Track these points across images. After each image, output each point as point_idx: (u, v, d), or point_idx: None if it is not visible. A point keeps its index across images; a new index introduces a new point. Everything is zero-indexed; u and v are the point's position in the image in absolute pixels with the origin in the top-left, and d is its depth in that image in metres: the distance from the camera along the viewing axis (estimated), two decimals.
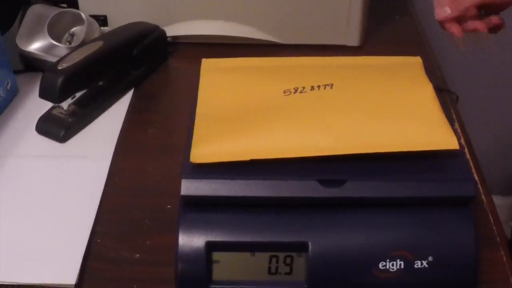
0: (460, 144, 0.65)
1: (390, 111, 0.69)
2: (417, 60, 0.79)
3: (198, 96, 0.73)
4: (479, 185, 0.77)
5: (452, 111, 0.89)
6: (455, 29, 0.81)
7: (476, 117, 1.42)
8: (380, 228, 0.64)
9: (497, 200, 1.75)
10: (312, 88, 0.71)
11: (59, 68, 0.82)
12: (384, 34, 1.06)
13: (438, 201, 0.65)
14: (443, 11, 0.81)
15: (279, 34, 1.00)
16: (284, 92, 0.72)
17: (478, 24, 0.82)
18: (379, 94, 0.71)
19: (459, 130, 0.86)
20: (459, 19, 0.81)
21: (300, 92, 0.71)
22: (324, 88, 0.71)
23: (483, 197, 0.76)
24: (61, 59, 0.84)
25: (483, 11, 0.83)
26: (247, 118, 0.69)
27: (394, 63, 0.79)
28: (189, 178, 0.64)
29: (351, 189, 0.64)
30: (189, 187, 0.63)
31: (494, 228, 0.72)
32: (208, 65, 0.79)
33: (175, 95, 0.94)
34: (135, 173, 0.79)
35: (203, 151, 0.65)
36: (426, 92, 0.72)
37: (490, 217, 0.73)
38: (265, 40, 1.00)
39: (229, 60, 0.80)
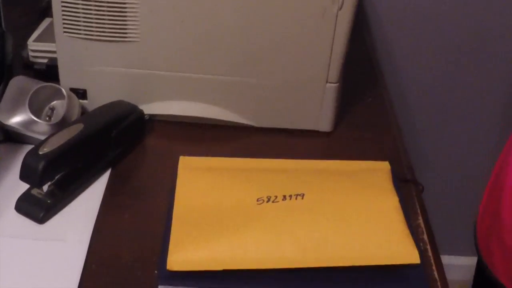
0: (423, 250, 0.72)
1: (356, 224, 0.76)
2: (385, 166, 0.86)
3: (175, 197, 0.79)
4: (439, 283, 0.83)
5: (417, 204, 0.95)
6: None
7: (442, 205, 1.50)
8: None
9: (457, 260, 1.83)
10: (284, 197, 0.78)
11: (40, 153, 0.86)
12: (355, 118, 1.13)
13: None
14: None
15: (253, 117, 1.06)
16: (258, 200, 0.78)
17: None
18: (346, 206, 0.78)
19: (422, 225, 0.92)
20: None
21: (273, 201, 0.77)
22: (296, 198, 0.78)
23: None
24: (42, 142, 0.88)
25: None
26: (221, 225, 0.75)
27: (363, 168, 0.86)
28: (165, 284, 0.70)
29: None
30: None
31: None
32: (185, 163, 0.85)
33: (150, 176, 0.98)
34: (112, 260, 0.83)
35: (179, 259, 0.71)
36: (391, 204, 0.79)
37: None
38: (239, 123, 1.06)
39: (206, 160, 0.86)
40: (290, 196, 0.80)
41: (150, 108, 1.05)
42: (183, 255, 0.72)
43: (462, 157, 1.73)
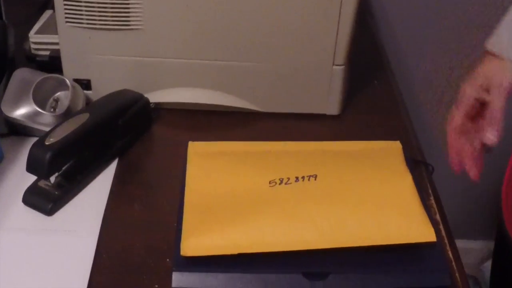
0: (436, 231, 0.72)
1: (370, 203, 0.75)
2: (397, 146, 0.86)
3: (186, 184, 0.79)
4: (454, 263, 0.83)
5: (428, 184, 0.95)
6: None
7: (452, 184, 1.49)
8: None
9: (469, 243, 1.84)
10: (297, 179, 0.77)
11: (47, 143, 0.86)
12: (362, 101, 1.13)
13: None
14: (493, 135, 0.87)
15: (261, 103, 1.06)
16: (270, 183, 0.78)
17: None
18: (360, 186, 0.77)
19: (434, 205, 0.92)
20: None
21: (285, 183, 0.77)
22: (308, 180, 0.77)
23: (456, 275, 0.82)
24: (48, 133, 0.88)
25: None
26: (234, 209, 0.75)
27: (375, 149, 0.85)
28: (180, 271, 0.69)
29: (334, 282, 0.70)
30: (180, 279, 0.70)
31: None
32: (194, 149, 0.84)
33: (158, 165, 0.98)
34: (122, 250, 0.83)
35: (192, 244, 0.70)
36: (405, 183, 0.78)
37: None
38: (247, 109, 1.06)
39: (215, 144, 0.86)
40: (303, 177, 0.79)
41: (155, 96, 1.05)
42: (196, 241, 0.71)
43: None
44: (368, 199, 0.77)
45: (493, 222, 1.13)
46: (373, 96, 1.16)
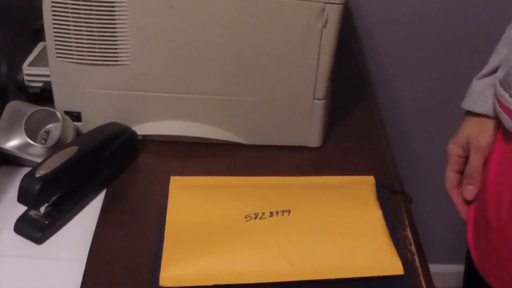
0: (410, 261, 0.76)
1: (340, 237, 0.80)
2: (370, 180, 0.91)
3: (167, 216, 0.84)
4: None
5: (404, 215, 0.99)
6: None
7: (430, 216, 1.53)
8: None
9: (454, 268, 1.85)
10: (271, 214, 0.82)
11: (37, 175, 0.90)
12: (344, 132, 1.17)
13: None
14: (469, 190, 0.98)
15: (243, 135, 1.11)
16: (246, 217, 0.82)
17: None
18: (331, 220, 0.82)
19: (409, 236, 0.96)
20: None
21: (260, 218, 0.82)
22: (282, 214, 0.82)
23: None
24: (38, 165, 0.92)
25: None
26: (211, 241, 0.80)
27: (348, 183, 0.90)
28: None
29: None
30: None
31: None
32: (176, 183, 0.89)
33: (143, 194, 1.02)
34: (107, 277, 0.87)
35: (170, 274, 0.75)
36: (374, 217, 0.83)
37: None
38: (230, 141, 1.10)
39: (195, 179, 0.90)
40: (277, 212, 0.84)
41: (142, 129, 1.10)
42: (174, 271, 0.76)
43: None
44: (338, 232, 0.81)
45: None
46: (355, 125, 1.20)
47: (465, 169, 0.97)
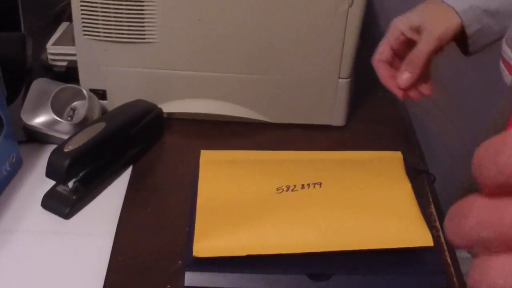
0: (435, 237, 0.77)
1: (371, 209, 0.81)
2: (397, 155, 0.91)
3: (198, 189, 0.84)
4: (452, 268, 0.88)
5: (429, 193, 1.00)
6: (415, 94, 0.93)
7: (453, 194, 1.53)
8: None
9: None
10: (303, 186, 0.83)
11: (66, 150, 0.91)
12: (367, 112, 1.18)
13: None
14: (404, 77, 0.91)
15: (269, 113, 1.11)
16: (278, 189, 0.83)
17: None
18: (362, 193, 0.83)
19: (434, 213, 0.97)
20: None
21: (292, 190, 0.82)
22: (314, 187, 0.83)
23: (454, 279, 0.87)
24: (67, 141, 0.93)
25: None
26: (244, 213, 0.80)
27: (377, 158, 0.90)
28: (192, 271, 0.75)
29: (337, 283, 0.75)
30: (192, 278, 0.75)
31: None
32: (206, 157, 0.90)
33: (170, 171, 1.03)
34: (137, 252, 0.87)
35: (204, 246, 0.76)
36: (404, 190, 0.83)
37: None
38: (255, 119, 1.11)
39: (225, 153, 0.91)
40: (308, 184, 0.84)
41: (168, 107, 1.10)
42: (208, 242, 0.77)
43: (473, 149, 1.77)
44: (369, 205, 0.82)
45: None
46: (377, 106, 1.21)
47: (409, 54, 0.90)
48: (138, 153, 1.03)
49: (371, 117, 1.16)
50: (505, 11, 0.90)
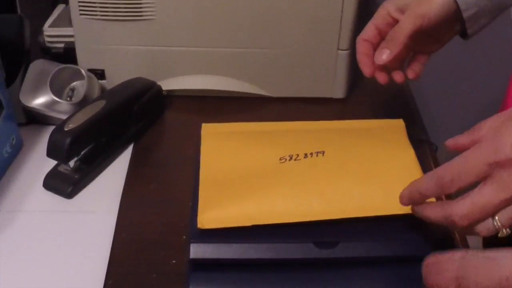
0: None
1: (376, 176, 0.80)
2: (399, 123, 0.90)
3: (201, 162, 0.84)
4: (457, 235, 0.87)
5: (431, 162, 0.99)
6: (382, 78, 0.92)
7: None
8: (370, 284, 0.75)
9: None
10: (306, 155, 0.82)
11: (66, 129, 0.90)
12: (367, 84, 1.16)
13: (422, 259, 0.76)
14: (381, 53, 0.89)
15: (269, 88, 1.11)
16: (280, 159, 0.82)
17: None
18: (365, 160, 0.82)
19: None
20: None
21: (295, 159, 0.82)
22: (317, 156, 0.82)
23: (461, 246, 0.86)
24: (67, 119, 0.92)
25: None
26: (248, 184, 0.79)
27: (379, 126, 0.90)
28: (197, 243, 0.74)
29: (343, 250, 0.75)
30: (197, 251, 0.74)
31: None
32: (207, 129, 0.89)
33: (172, 147, 1.03)
34: (141, 228, 0.87)
35: (208, 217, 0.75)
36: (408, 157, 0.83)
37: None
38: (256, 94, 1.11)
39: (227, 125, 0.90)
40: (311, 153, 0.84)
41: (168, 84, 1.10)
42: (212, 213, 0.76)
43: (474, 118, 1.77)
44: (373, 172, 0.81)
45: None
46: None
47: (390, 31, 0.88)
48: (139, 130, 1.03)
49: (372, 89, 1.15)
50: None
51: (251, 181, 0.80)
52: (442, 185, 0.66)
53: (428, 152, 1.01)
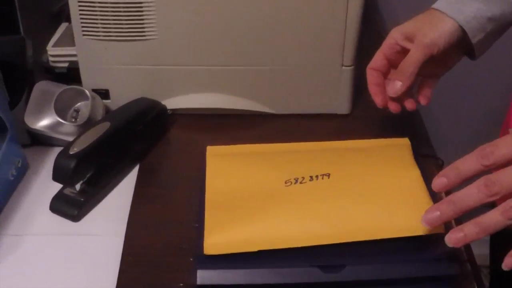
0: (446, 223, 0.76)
1: (381, 198, 0.80)
2: (405, 142, 0.91)
3: (206, 185, 0.84)
4: (464, 253, 0.87)
5: None
6: (394, 107, 0.93)
7: None
8: None
9: None
10: (311, 178, 0.83)
11: (71, 153, 0.91)
12: (372, 99, 1.16)
13: (427, 279, 0.76)
14: (394, 86, 0.90)
15: (273, 105, 1.11)
16: (286, 182, 0.83)
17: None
18: (371, 182, 0.82)
19: (444, 197, 0.96)
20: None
21: (300, 182, 0.82)
22: (322, 178, 0.82)
23: (468, 265, 0.86)
24: (72, 143, 0.92)
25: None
26: (253, 208, 0.80)
27: (384, 145, 0.90)
28: (203, 269, 0.75)
29: (349, 274, 0.75)
30: (204, 276, 0.75)
31: None
32: (212, 152, 0.90)
33: (177, 167, 1.03)
34: (147, 250, 0.87)
35: (214, 242, 0.76)
36: (413, 177, 0.83)
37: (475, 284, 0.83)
38: (259, 111, 1.11)
39: (232, 148, 0.91)
40: (317, 176, 0.84)
41: (171, 103, 1.10)
42: (218, 239, 0.76)
43: (480, 131, 1.76)
44: (379, 194, 0.81)
45: None
46: None
47: (400, 63, 0.89)
48: (144, 150, 1.04)
49: (375, 104, 1.15)
50: (506, 12, 0.89)
51: (256, 205, 0.80)
52: (482, 156, 0.66)
53: (434, 168, 1.01)
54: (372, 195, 0.81)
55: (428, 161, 1.01)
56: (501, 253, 0.73)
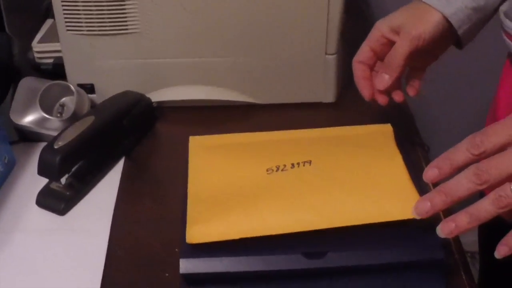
0: None
1: (364, 184, 0.80)
2: (387, 129, 0.90)
3: (189, 176, 0.84)
4: (451, 241, 0.87)
5: (423, 164, 0.99)
6: (382, 99, 0.93)
7: None
8: None
9: None
10: (292, 165, 0.82)
11: (56, 147, 0.91)
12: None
13: (412, 265, 0.76)
14: (382, 79, 0.90)
15: (258, 95, 1.11)
16: (267, 170, 0.83)
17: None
18: (353, 168, 0.82)
19: (430, 184, 0.96)
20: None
21: (282, 170, 0.82)
22: (304, 165, 0.82)
23: (454, 249, 0.86)
24: (56, 137, 0.92)
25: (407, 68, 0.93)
26: (235, 197, 0.80)
27: (367, 132, 0.90)
28: (186, 258, 0.75)
29: (332, 260, 0.75)
30: (187, 266, 0.75)
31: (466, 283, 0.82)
32: (195, 142, 0.89)
33: (164, 160, 1.03)
34: (133, 244, 0.87)
35: (197, 232, 0.76)
36: (396, 163, 0.83)
37: (462, 272, 0.83)
38: (245, 102, 1.11)
39: (214, 138, 0.91)
40: (298, 163, 0.84)
41: (157, 96, 1.10)
42: (200, 228, 0.76)
43: (466, 117, 1.76)
44: (361, 180, 0.81)
45: None
46: None
47: (387, 55, 0.89)
48: (130, 144, 1.03)
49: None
50: (490, 1, 0.89)
51: (238, 194, 0.80)
52: (472, 145, 0.65)
53: (420, 154, 1.01)
54: (355, 181, 0.81)
55: (414, 147, 1.01)
56: (490, 240, 0.73)
